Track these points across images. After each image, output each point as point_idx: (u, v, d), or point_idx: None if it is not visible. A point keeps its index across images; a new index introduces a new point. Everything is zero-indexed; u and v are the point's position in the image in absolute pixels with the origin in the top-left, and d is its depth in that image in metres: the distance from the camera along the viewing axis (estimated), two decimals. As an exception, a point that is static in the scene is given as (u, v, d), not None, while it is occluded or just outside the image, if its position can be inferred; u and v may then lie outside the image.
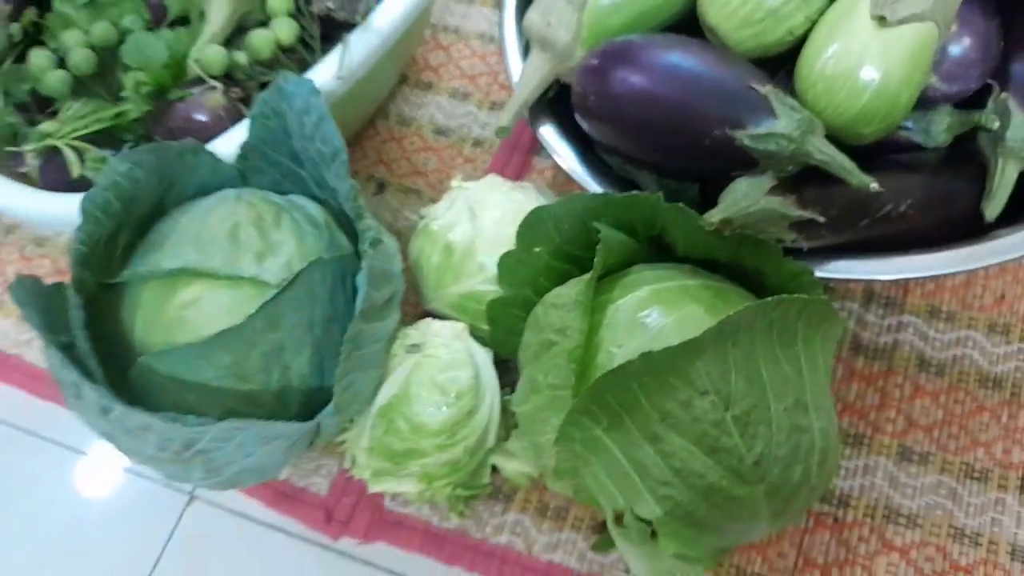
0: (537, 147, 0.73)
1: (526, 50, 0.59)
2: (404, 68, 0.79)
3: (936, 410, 0.56)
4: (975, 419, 0.55)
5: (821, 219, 0.46)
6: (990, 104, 0.50)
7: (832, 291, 0.61)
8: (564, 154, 0.56)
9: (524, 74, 0.57)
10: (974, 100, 0.52)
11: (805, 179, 0.47)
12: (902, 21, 0.44)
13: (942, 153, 0.53)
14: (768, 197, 0.46)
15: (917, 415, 0.56)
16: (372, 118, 0.77)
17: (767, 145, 0.46)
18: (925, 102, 0.50)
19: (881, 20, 0.45)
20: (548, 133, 0.58)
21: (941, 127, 0.52)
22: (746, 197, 0.46)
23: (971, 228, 0.51)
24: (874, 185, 0.44)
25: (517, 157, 0.72)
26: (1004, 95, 0.50)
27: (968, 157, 0.53)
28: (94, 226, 0.46)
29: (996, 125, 0.50)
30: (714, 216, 0.45)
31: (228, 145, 0.55)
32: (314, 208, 0.54)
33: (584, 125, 0.54)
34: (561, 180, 0.70)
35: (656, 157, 0.52)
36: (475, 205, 0.57)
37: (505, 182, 0.59)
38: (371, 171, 0.75)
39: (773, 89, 0.46)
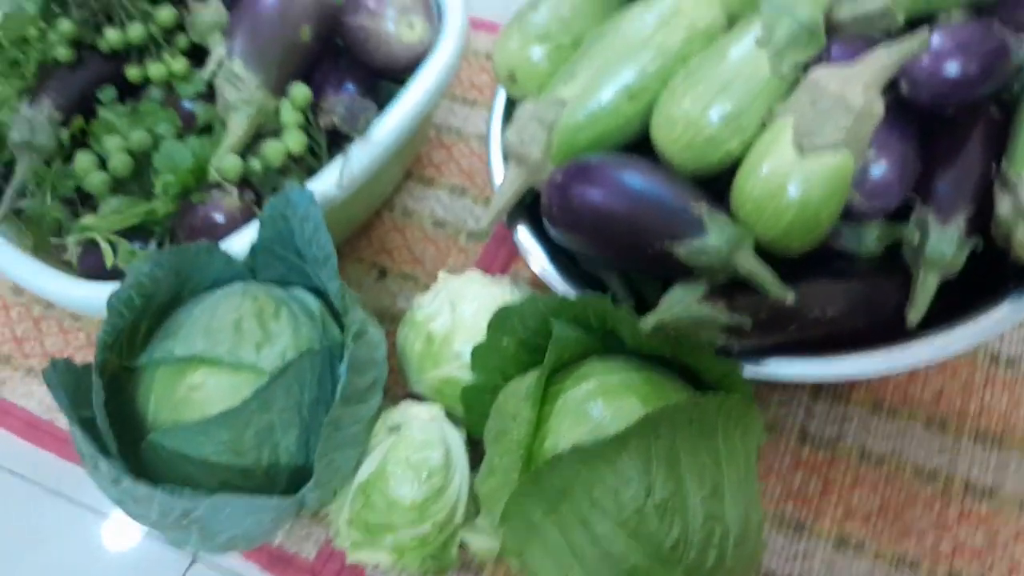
0: (522, 242, 0.79)
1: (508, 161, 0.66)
2: (410, 165, 0.87)
3: (874, 499, 0.60)
4: (909, 510, 0.59)
5: (748, 325, 0.52)
6: (912, 219, 0.56)
7: (783, 384, 0.66)
8: (536, 255, 0.63)
9: (503, 184, 0.64)
10: (903, 211, 0.57)
11: (738, 286, 0.53)
12: (818, 150, 0.51)
13: (875, 260, 0.58)
14: (700, 304, 0.52)
15: (856, 504, 0.60)
16: (379, 210, 0.85)
17: (700, 258, 0.52)
18: (854, 215, 0.56)
19: (800, 149, 0.51)
20: (523, 235, 0.64)
21: (872, 237, 0.57)
22: (679, 303, 0.52)
23: (896, 331, 0.56)
24: (790, 298, 0.50)
25: (504, 250, 0.79)
26: (924, 211, 0.56)
27: (900, 264, 0.58)
28: (117, 319, 0.53)
29: (917, 239, 0.55)
30: (648, 322, 0.51)
31: (240, 243, 0.63)
32: (312, 300, 0.61)
33: (551, 231, 0.61)
34: (542, 272, 0.77)
35: (611, 262, 0.59)
36: (455, 298, 0.63)
37: (484, 277, 0.66)
38: (375, 259, 0.82)
39: (707, 208, 0.53)
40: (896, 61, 0.49)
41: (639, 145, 0.61)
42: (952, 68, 0.53)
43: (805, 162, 0.51)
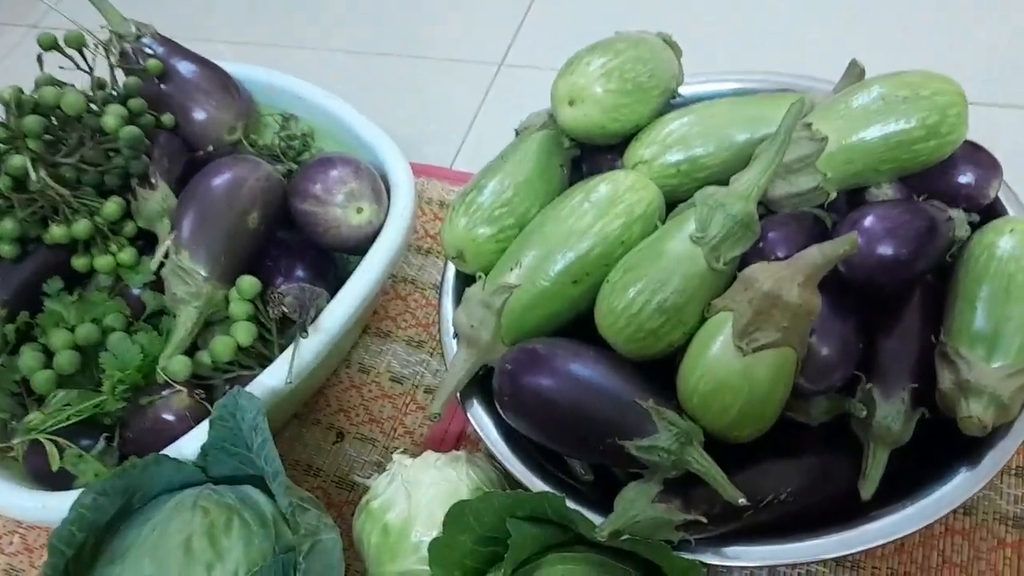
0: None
1: (460, 335, 0.66)
2: (367, 321, 0.87)
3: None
4: None
5: (704, 520, 0.52)
6: (857, 394, 0.57)
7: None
8: (490, 436, 0.63)
9: (453, 365, 0.64)
10: (852, 382, 0.58)
11: (692, 479, 0.53)
12: (758, 350, 0.52)
13: (826, 427, 0.59)
14: (654, 505, 0.52)
15: None
16: (337, 368, 0.85)
17: (650, 456, 0.52)
18: (801, 393, 0.57)
19: (741, 349, 0.52)
20: (476, 415, 0.64)
21: (820, 410, 0.58)
22: (633, 506, 0.52)
23: (851, 506, 0.56)
24: (742, 501, 0.50)
25: (460, 417, 0.78)
26: (868, 386, 0.57)
27: (850, 433, 0.58)
28: (59, 558, 0.52)
29: (863, 413, 0.56)
30: (604, 531, 0.51)
31: (191, 445, 0.62)
32: (264, 501, 0.60)
33: (504, 417, 0.61)
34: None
35: (563, 452, 0.59)
36: (410, 485, 0.63)
37: (439, 458, 0.65)
38: (332, 420, 0.81)
39: (654, 405, 0.53)
40: (827, 260, 0.51)
41: (584, 322, 0.61)
42: (886, 251, 0.55)
43: (748, 359, 0.52)
